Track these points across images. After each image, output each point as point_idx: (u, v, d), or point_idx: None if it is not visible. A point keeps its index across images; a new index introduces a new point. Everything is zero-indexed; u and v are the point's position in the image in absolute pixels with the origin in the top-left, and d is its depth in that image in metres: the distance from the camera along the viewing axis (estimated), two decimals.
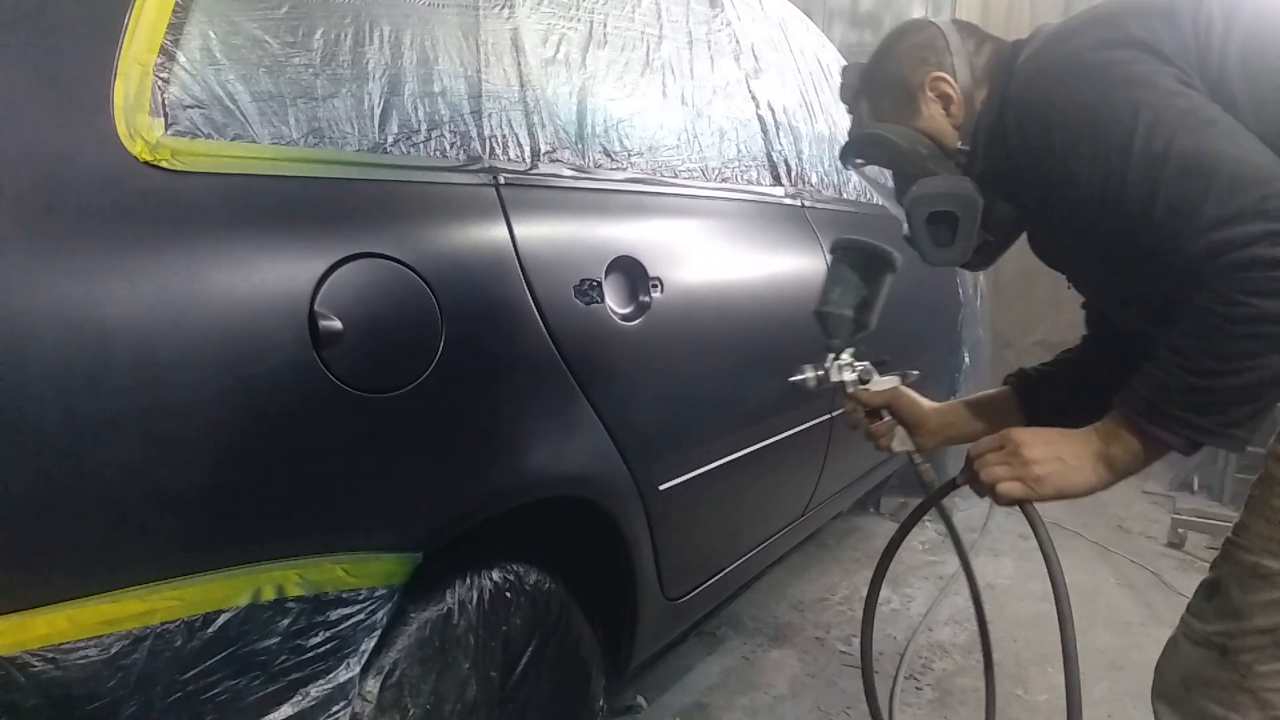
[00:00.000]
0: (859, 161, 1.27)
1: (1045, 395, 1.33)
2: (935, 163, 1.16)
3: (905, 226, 1.20)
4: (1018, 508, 1.11)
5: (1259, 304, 0.86)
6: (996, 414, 1.36)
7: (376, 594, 0.99)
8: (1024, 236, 1.24)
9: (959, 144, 1.15)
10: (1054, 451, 1.06)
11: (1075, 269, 1.20)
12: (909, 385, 1.36)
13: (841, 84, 1.27)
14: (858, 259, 1.30)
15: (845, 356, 1.32)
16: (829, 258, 1.33)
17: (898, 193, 1.26)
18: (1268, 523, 1.00)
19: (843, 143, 1.27)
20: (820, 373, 1.32)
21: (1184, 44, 0.97)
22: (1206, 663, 1.04)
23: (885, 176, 1.32)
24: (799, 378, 1.32)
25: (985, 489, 1.11)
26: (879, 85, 1.21)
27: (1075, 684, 1.08)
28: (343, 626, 0.96)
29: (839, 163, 1.28)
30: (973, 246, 1.17)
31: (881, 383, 1.34)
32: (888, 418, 1.34)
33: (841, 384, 1.33)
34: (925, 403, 1.36)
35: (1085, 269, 1.18)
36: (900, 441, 1.34)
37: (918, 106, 1.17)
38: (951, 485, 1.25)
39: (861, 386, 1.33)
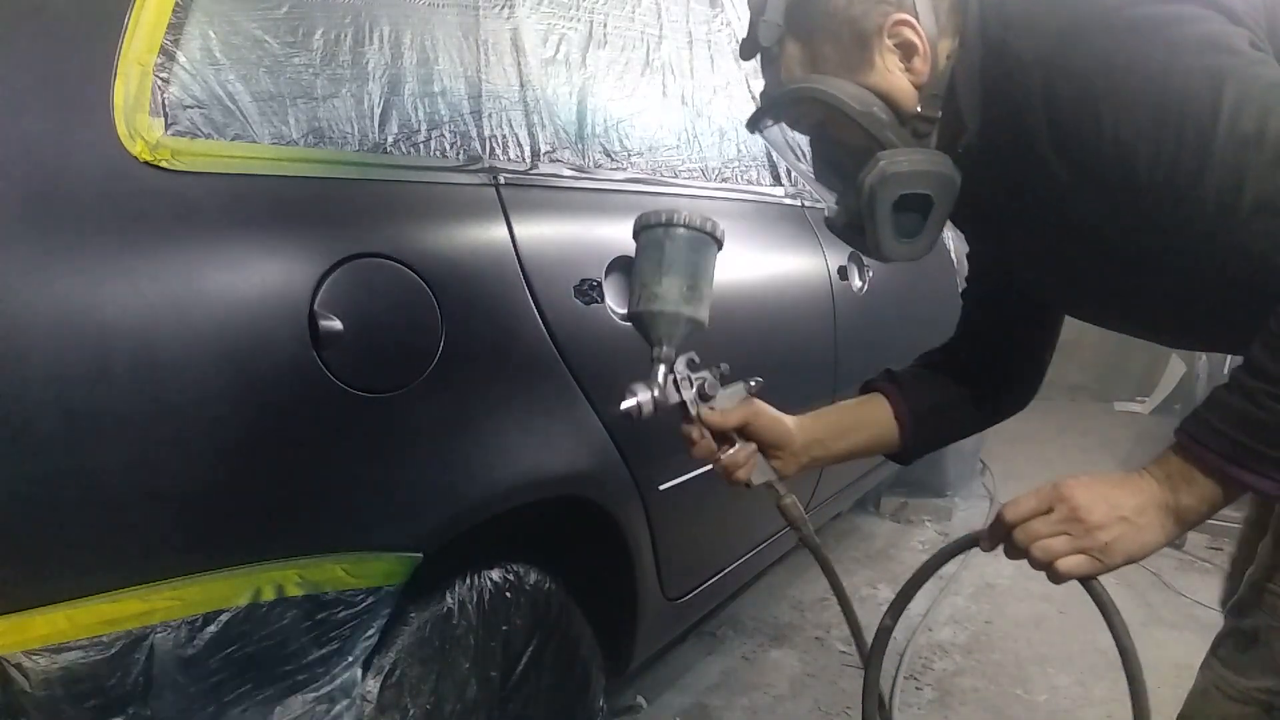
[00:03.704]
0: (768, 123, 0.98)
1: (924, 405, 1.13)
2: (895, 131, 0.90)
3: (830, 209, 0.98)
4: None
5: None
6: (868, 428, 1.14)
7: (377, 594, 0.99)
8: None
9: (918, 108, 0.90)
10: (1117, 511, 0.84)
11: (1061, 267, 0.99)
12: (756, 394, 1.06)
13: (756, 21, 0.93)
14: (680, 238, 0.97)
15: (680, 368, 0.99)
16: (634, 240, 1.00)
17: (823, 167, 1.01)
18: None
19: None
20: (655, 394, 0.97)
21: (1252, 2, 0.81)
22: None
23: (799, 145, 1.03)
24: (629, 403, 0.96)
25: (1039, 564, 0.87)
26: (818, 26, 0.90)
27: None
28: (343, 626, 0.96)
29: (749, 125, 0.99)
30: (939, 237, 0.94)
31: (727, 397, 1.03)
32: (739, 443, 1.03)
33: (681, 405, 1.00)
34: (786, 418, 1.07)
35: (1078, 268, 0.97)
36: (761, 473, 1.05)
37: (870, 57, 0.89)
38: (969, 544, 0.99)
39: (706, 405, 1.01)
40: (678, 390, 0.99)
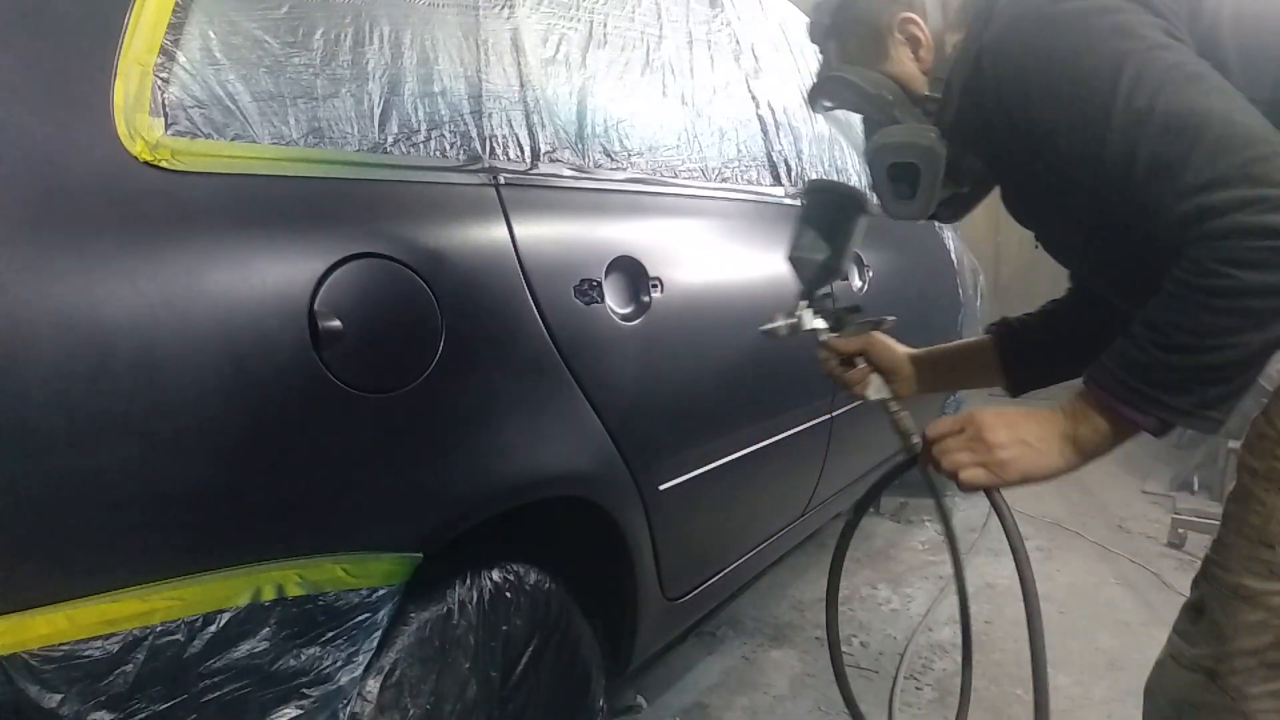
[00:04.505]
0: (827, 105, 1.19)
1: (1026, 347, 1.31)
2: (901, 110, 1.10)
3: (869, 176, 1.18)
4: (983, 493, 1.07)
5: (1240, 276, 0.80)
6: (974, 363, 1.35)
7: (376, 594, 0.99)
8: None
9: (927, 91, 1.09)
10: (1018, 434, 1.00)
11: (1047, 230, 1.15)
12: (885, 332, 1.32)
13: (811, 22, 1.18)
14: (828, 202, 1.26)
15: (818, 302, 1.28)
16: (801, 202, 1.29)
17: (866, 140, 1.21)
18: (1246, 540, 0.97)
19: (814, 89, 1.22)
20: (792, 320, 1.26)
21: None
22: (1195, 687, 1.00)
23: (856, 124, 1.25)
24: (770, 326, 1.26)
25: (947, 475, 1.05)
26: (848, 25, 1.13)
27: (1043, 675, 1.09)
28: (343, 626, 0.96)
29: (808, 106, 1.23)
30: (935, 200, 1.11)
31: (855, 328, 1.30)
32: (862, 365, 1.31)
33: (814, 331, 1.28)
34: (901, 349, 1.31)
35: (1057, 231, 1.13)
36: (876, 389, 1.30)
37: (885, 49, 1.10)
38: (911, 463, 1.21)
39: (834, 334, 1.29)
40: (812, 320, 1.27)
